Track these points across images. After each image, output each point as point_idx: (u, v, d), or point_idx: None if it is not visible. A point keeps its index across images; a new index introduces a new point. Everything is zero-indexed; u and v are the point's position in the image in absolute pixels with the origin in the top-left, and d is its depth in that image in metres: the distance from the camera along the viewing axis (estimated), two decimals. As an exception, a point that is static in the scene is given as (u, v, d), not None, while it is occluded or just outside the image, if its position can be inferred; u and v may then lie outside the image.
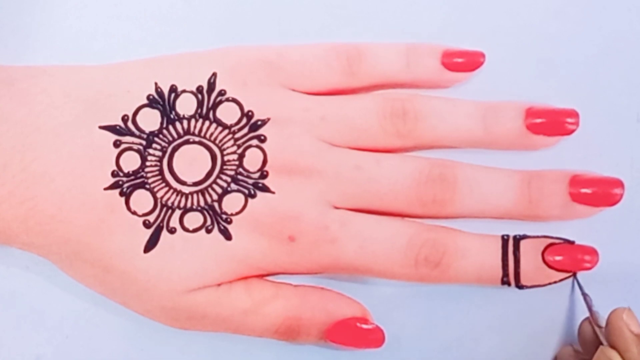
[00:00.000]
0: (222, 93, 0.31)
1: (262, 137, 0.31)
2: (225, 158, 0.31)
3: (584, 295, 0.30)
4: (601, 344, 0.29)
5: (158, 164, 0.31)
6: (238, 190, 0.30)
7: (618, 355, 0.28)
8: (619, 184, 0.31)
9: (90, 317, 0.32)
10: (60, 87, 0.31)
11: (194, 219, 0.30)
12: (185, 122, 0.31)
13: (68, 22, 0.34)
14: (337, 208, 0.31)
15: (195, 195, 0.30)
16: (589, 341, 0.30)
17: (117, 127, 0.30)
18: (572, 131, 0.32)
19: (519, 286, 0.31)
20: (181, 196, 0.30)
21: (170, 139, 0.31)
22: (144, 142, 0.31)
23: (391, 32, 0.34)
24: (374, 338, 0.30)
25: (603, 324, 0.29)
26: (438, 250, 0.30)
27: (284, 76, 0.32)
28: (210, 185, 0.30)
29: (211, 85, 0.31)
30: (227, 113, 0.31)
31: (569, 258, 0.31)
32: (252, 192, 0.30)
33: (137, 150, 0.30)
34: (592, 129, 0.32)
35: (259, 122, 0.31)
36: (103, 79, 0.31)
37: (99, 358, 0.32)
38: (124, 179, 0.30)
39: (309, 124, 0.31)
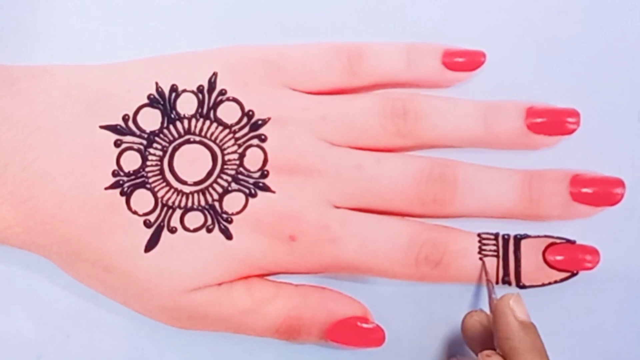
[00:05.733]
0: (222, 92, 0.31)
1: (263, 137, 0.31)
2: (226, 157, 0.31)
3: (487, 281, 0.30)
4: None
5: (159, 163, 0.31)
6: (239, 190, 0.30)
7: None
8: (620, 183, 0.31)
9: (91, 317, 0.32)
10: (61, 87, 0.31)
11: (194, 219, 0.30)
12: (185, 122, 0.31)
13: (69, 22, 0.34)
14: (337, 207, 0.31)
15: (195, 195, 0.30)
16: (475, 335, 0.29)
17: (118, 127, 0.31)
18: (573, 131, 0.32)
19: (520, 286, 0.31)
20: (182, 196, 0.30)
21: (171, 138, 0.31)
22: (144, 142, 0.31)
23: (391, 31, 0.34)
24: (375, 337, 0.30)
25: None
26: (438, 250, 0.30)
27: (284, 76, 0.32)
28: (210, 185, 0.30)
29: (212, 84, 0.31)
30: (228, 112, 0.31)
31: (569, 258, 0.31)
32: (253, 191, 0.30)
33: (138, 150, 0.30)
34: (592, 129, 0.32)
35: (260, 122, 0.31)
36: (104, 79, 0.31)
37: (100, 357, 0.32)
38: (125, 178, 0.30)
39: (309, 124, 0.31)
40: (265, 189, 0.30)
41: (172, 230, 0.30)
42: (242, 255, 0.30)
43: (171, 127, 0.31)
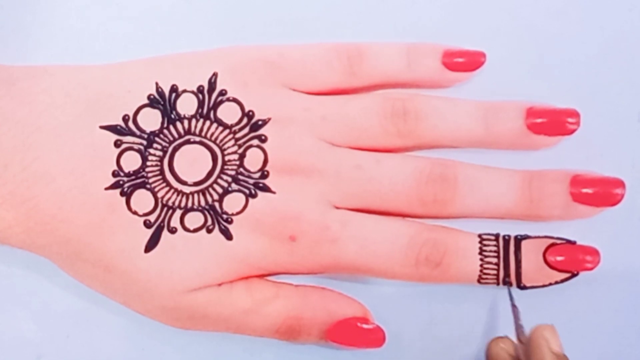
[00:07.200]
0: (222, 93, 0.31)
1: (263, 137, 0.31)
2: (226, 158, 0.31)
3: (513, 306, 0.30)
4: None
5: (159, 163, 0.31)
6: (239, 190, 0.30)
7: None
8: (620, 184, 0.31)
9: (91, 317, 0.32)
10: (61, 87, 0.31)
11: (194, 219, 0.30)
12: (186, 122, 0.31)
13: (69, 22, 0.34)
14: (337, 208, 0.31)
15: (196, 195, 0.30)
16: None
17: (118, 127, 0.30)
18: (573, 131, 0.32)
19: (521, 287, 0.31)
20: (182, 196, 0.30)
21: (171, 138, 0.31)
22: (144, 142, 0.31)
23: (391, 32, 0.34)
24: (375, 338, 0.30)
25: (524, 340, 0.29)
26: (439, 250, 0.30)
27: (284, 76, 0.32)
28: (211, 185, 0.30)
29: (212, 85, 0.31)
30: (228, 113, 0.31)
31: (570, 258, 0.31)
32: (253, 192, 0.30)
33: (138, 150, 0.30)
34: (593, 129, 0.32)
35: (260, 122, 0.31)
36: (104, 79, 0.31)
37: (99, 358, 0.32)
38: (125, 178, 0.30)
39: (309, 124, 0.31)
40: (266, 189, 0.30)
41: (172, 231, 0.30)
42: (242, 255, 0.30)
43: (171, 127, 0.31)
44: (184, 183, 0.30)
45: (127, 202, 0.30)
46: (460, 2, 0.34)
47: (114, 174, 0.30)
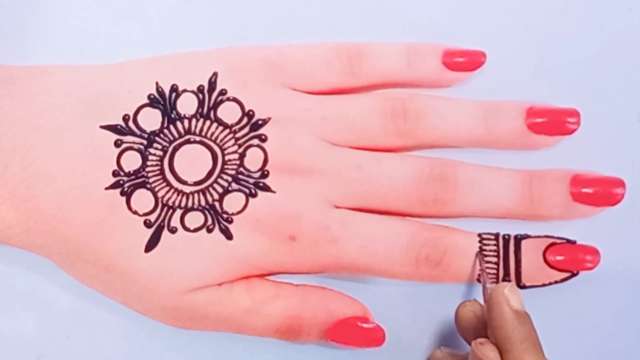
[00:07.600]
0: (223, 92, 0.31)
1: (263, 137, 0.31)
2: (226, 157, 0.31)
3: (482, 270, 0.30)
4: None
5: (159, 163, 0.31)
6: (239, 190, 0.30)
7: (494, 352, 0.27)
8: (620, 183, 0.31)
9: (91, 317, 0.32)
10: (61, 87, 0.31)
11: (195, 219, 0.30)
12: (186, 122, 0.31)
13: (69, 22, 0.34)
14: (338, 207, 0.31)
15: (196, 195, 0.30)
16: (468, 326, 0.29)
17: (118, 127, 0.31)
18: (573, 131, 0.32)
19: (520, 286, 0.31)
20: (182, 196, 0.30)
21: (171, 138, 0.31)
22: (145, 142, 0.31)
23: (391, 32, 0.34)
24: (375, 337, 0.30)
25: None
26: (439, 250, 0.30)
27: (285, 76, 0.32)
28: (211, 185, 0.30)
29: (212, 84, 0.31)
30: (228, 112, 0.31)
31: (570, 258, 0.31)
32: (253, 191, 0.30)
33: (138, 150, 0.30)
34: (593, 129, 0.32)
35: (260, 122, 0.31)
36: (104, 79, 0.31)
37: (100, 358, 0.32)
38: (125, 178, 0.30)
39: (310, 124, 0.31)
40: (266, 189, 0.30)
41: (173, 230, 0.30)
42: (243, 255, 0.30)
43: (171, 127, 0.31)
44: (184, 183, 0.30)
45: (127, 202, 0.30)
46: (460, 2, 0.34)
47: (114, 174, 0.30)
